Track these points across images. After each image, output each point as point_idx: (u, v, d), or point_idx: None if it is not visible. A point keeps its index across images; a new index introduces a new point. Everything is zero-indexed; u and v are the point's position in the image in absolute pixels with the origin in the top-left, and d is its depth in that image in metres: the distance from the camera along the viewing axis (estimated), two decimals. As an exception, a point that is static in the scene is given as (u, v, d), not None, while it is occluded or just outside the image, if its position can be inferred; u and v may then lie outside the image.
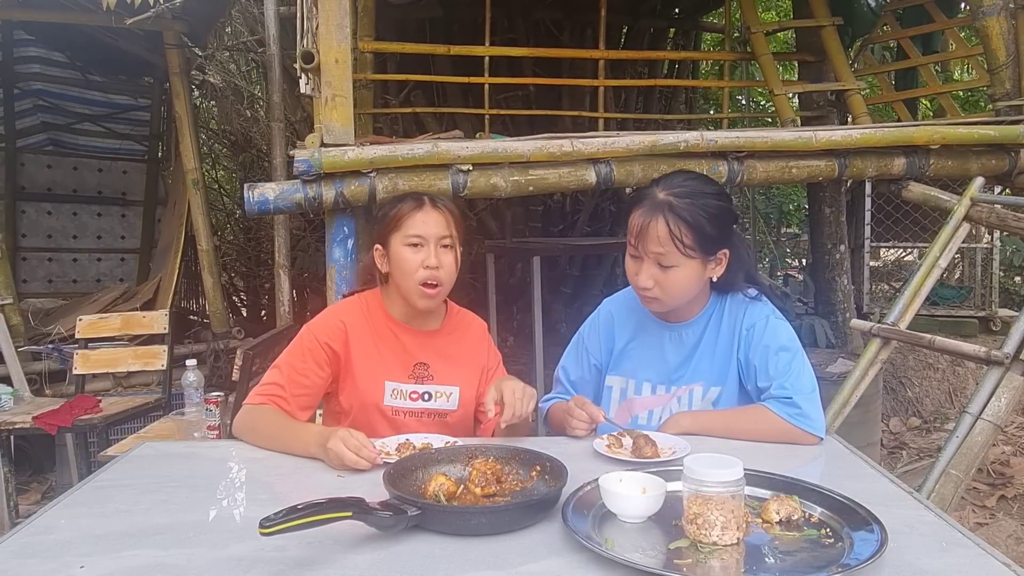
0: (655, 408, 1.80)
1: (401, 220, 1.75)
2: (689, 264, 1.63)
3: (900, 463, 4.18)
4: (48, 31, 5.29)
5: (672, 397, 1.78)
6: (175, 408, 3.51)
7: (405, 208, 1.76)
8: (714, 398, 1.76)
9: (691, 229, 1.59)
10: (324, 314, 1.85)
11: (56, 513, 1.27)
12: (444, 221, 1.76)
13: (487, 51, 4.11)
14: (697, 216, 1.60)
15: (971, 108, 7.07)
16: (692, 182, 1.67)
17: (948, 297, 5.93)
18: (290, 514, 1.05)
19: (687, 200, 1.61)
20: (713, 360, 1.76)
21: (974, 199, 3.01)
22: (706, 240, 1.62)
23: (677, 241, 1.59)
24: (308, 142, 2.78)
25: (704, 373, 1.76)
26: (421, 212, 1.75)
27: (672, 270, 1.63)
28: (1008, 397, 2.53)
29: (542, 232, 6.11)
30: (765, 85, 4.50)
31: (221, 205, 6.96)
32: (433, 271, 1.73)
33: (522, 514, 1.19)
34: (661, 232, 1.60)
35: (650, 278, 1.65)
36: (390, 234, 1.77)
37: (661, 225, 1.60)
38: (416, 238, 1.73)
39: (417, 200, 1.77)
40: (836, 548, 1.09)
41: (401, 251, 1.74)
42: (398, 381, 1.79)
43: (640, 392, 1.82)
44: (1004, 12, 3.41)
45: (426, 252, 1.73)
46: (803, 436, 1.61)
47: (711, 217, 1.62)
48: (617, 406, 1.84)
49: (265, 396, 1.71)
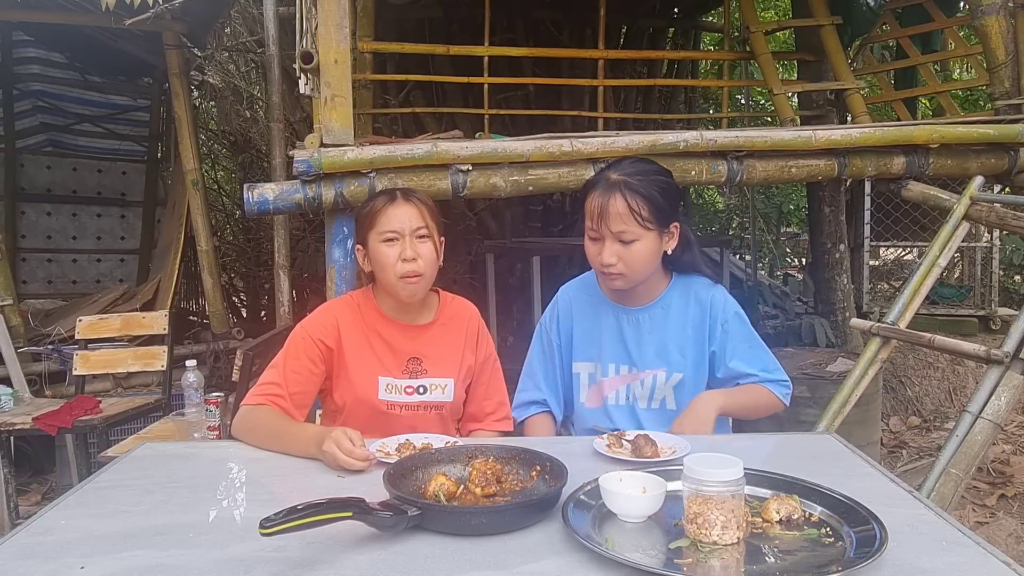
0: (621, 387, 1.89)
1: (375, 217, 1.77)
2: (648, 236, 1.74)
3: (900, 462, 4.18)
4: (47, 32, 5.29)
5: (635, 377, 1.87)
6: (175, 409, 3.50)
7: (378, 204, 1.78)
8: (676, 383, 1.84)
9: (647, 202, 1.71)
10: (316, 312, 1.86)
11: (56, 514, 1.27)
12: (417, 213, 1.77)
13: (486, 51, 4.11)
14: (651, 190, 1.72)
15: (970, 107, 7.08)
16: (639, 163, 1.80)
17: (948, 296, 5.93)
18: (290, 514, 1.05)
19: (639, 178, 1.73)
20: (674, 346, 1.85)
21: (974, 198, 3.00)
22: (660, 213, 1.74)
23: (636, 215, 1.71)
24: (308, 142, 2.78)
25: (664, 359, 1.85)
26: (392, 207, 1.76)
27: (633, 245, 1.73)
28: (1008, 396, 2.53)
29: (542, 232, 6.11)
30: (764, 84, 4.50)
31: (221, 206, 6.95)
32: (411, 263, 1.74)
33: (522, 514, 1.19)
34: (621, 208, 1.71)
35: (613, 255, 1.74)
36: (367, 232, 1.78)
37: (620, 202, 1.71)
38: (391, 233, 1.75)
39: (389, 195, 1.79)
40: (836, 547, 1.09)
41: (379, 248, 1.76)
42: (392, 376, 1.80)
43: (607, 374, 1.90)
44: (1003, 11, 3.41)
45: (401, 245, 1.74)
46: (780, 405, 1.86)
47: (662, 191, 1.75)
48: (587, 391, 1.93)
49: (263, 396, 1.71)
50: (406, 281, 1.74)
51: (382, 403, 1.79)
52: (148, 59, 5.00)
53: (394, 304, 1.83)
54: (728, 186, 3.45)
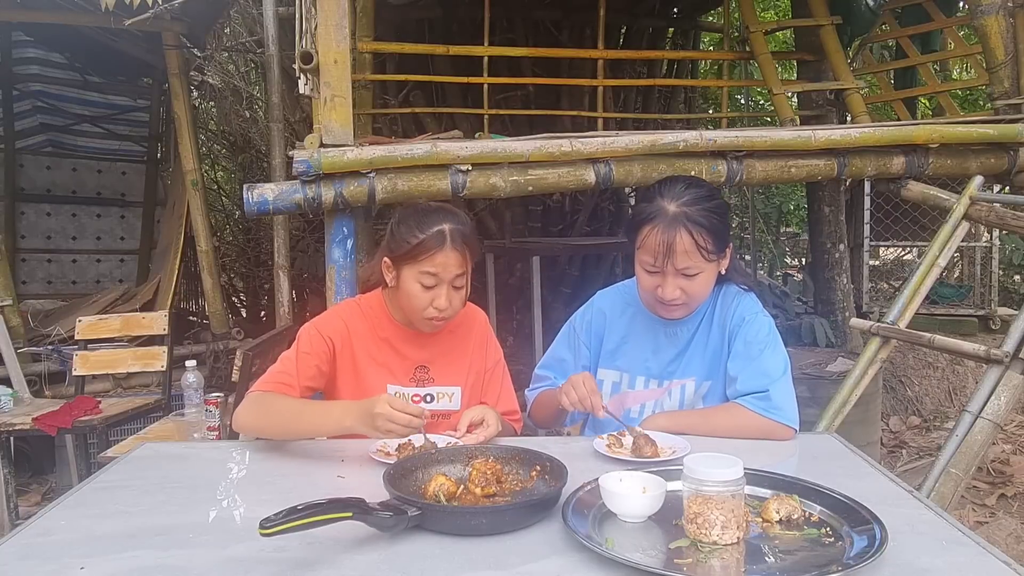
0: (647, 401, 1.84)
1: (419, 254, 1.67)
2: (710, 267, 1.70)
3: (900, 462, 4.18)
4: (47, 32, 5.29)
5: (664, 391, 1.82)
6: (175, 409, 3.50)
7: (428, 243, 1.66)
8: (704, 392, 1.80)
9: (711, 235, 1.65)
10: (326, 314, 1.86)
11: (56, 514, 1.27)
12: (461, 260, 1.69)
13: (486, 51, 4.10)
14: (712, 220, 1.66)
15: (970, 107, 7.07)
16: (694, 189, 1.70)
17: (948, 296, 5.94)
18: (290, 515, 1.05)
19: (698, 207, 1.65)
20: (705, 354, 1.80)
21: (973, 198, 3.00)
22: (721, 241, 1.69)
23: (703, 250, 1.64)
24: (307, 143, 2.78)
25: (696, 368, 1.80)
26: (441, 253, 1.66)
27: (697, 277, 1.68)
28: (1008, 396, 2.54)
29: (541, 232, 6.10)
30: (764, 84, 4.50)
31: (220, 206, 6.95)
32: (442, 311, 1.70)
33: (522, 514, 1.19)
34: (688, 246, 1.64)
35: (676, 289, 1.68)
36: (404, 261, 1.70)
37: (686, 238, 1.63)
38: (431, 277, 1.68)
39: (440, 238, 1.67)
40: (836, 547, 1.09)
41: (412, 284, 1.69)
42: (400, 384, 1.80)
43: (634, 386, 1.86)
44: (1003, 11, 3.41)
45: (437, 292, 1.68)
46: (779, 429, 1.66)
47: (720, 218, 1.69)
48: (609, 399, 1.87)
49: (274, 383, 1.69)
50: (430, 322, 1.72)
51: None
52: (148, 59, 5.00)
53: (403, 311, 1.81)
54: (728, 186, 3.44)
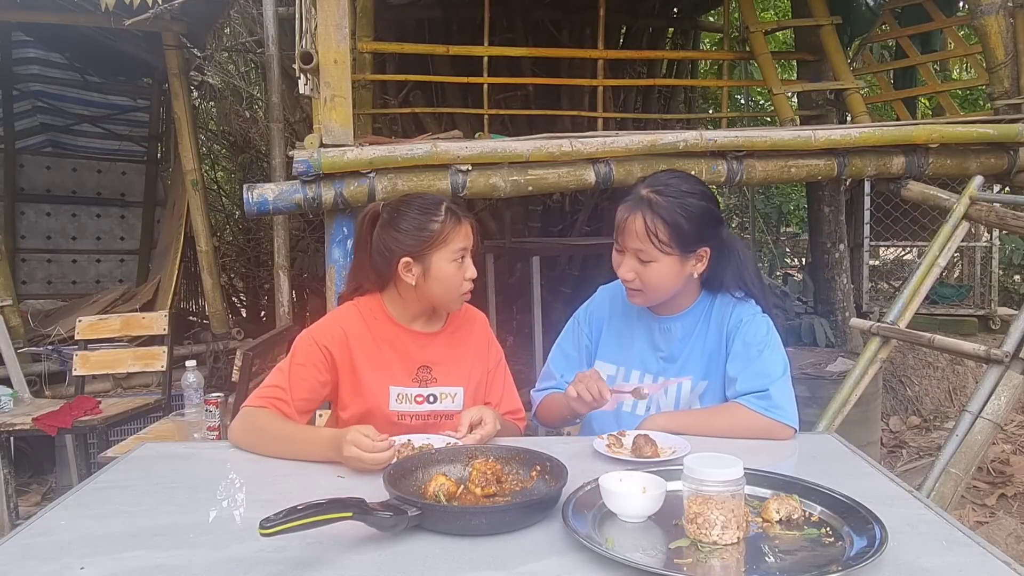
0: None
1: (447, 237, 1.73)
2: (666, 260, 1.68)
3: (900, 462, 4.18)
4: (47, 32, 5.29)
5: (660, 388, 1.82)
6: (175, 409, 3.50)
7: (448, 224, 1.73)
8: (701, 391, 1.79)
9: (667, 226, 1.64)
10: (323, 320, 1.84)
11: (56, 514, 1.27)
12: (472, 231, 1.78)
13: (486, 51, 4.11)
14: (674, 214, 1.65)
15: (970, 107, 7.08)
16: (676, 180, 1.71)
17: (947, 296, 5.94)
18: (290, 515, 1.05)
19: (667, 198, 1.66)
20: (702, 355, 1.80)
21: (973, 198, 3.00)
22: (683, 237, 1.66)
23: (652, 236, 1.65)
24: (307, 143, 2.78)
25: (693, 367, 1.80)
26: (462, 226, 1.75)
27: (650, 265, 1.68)
28: (1008, 395, 2.54)
29: (541, 232, 6.10)
30: (764, 84, 4.50)
31: (220, 206, 6.95)
32: (471, 282, 1.77)
33: (522, 514, 1.19)
34: (638, 227, 1.66)
35: (630, 271, 1.71)
36: (432, 250, 1.73)
37: (638, 221, 1.65)
38: (462, 251, 1.75)
39: (453, 215, 1.75)
40: (836, 547, 1.09)
41: (447, 266, 1.74)
42: (403, 386, 1.79)
43: (629, 380, 1.86)
44: (1003, 11, 3.41)
45: (467, 263, 1.76)
46: (779, 429, 1.65)
47: (690, 216, 1.66)
48: None
49: (265, 399, 1.68)
50: (463, 297, 1.79)
51: (393, 414, 1.77)
52: (148, 59, 5.00)
53: (410, 312, 1.81)
54: (728, 186, 3.45)
